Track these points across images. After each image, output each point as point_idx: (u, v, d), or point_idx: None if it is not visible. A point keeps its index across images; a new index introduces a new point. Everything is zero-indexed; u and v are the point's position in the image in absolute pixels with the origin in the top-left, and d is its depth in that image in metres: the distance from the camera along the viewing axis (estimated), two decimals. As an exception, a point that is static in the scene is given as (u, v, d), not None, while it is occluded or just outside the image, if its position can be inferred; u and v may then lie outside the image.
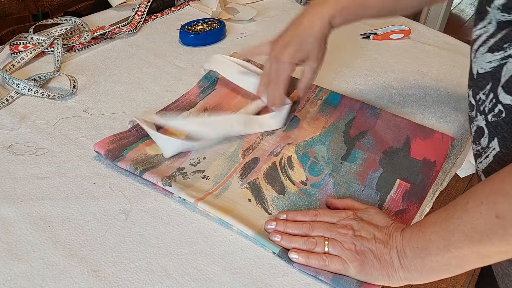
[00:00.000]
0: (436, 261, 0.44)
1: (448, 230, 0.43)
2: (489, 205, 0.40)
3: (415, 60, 0.90)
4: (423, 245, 0.45)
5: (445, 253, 0.43)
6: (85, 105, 0.71)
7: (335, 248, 0.49)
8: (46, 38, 0.83)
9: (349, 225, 0.50)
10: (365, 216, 0.51)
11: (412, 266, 0.45)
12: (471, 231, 0.41)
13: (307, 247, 0.49)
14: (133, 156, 0.60)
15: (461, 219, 0.42)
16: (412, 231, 0.47)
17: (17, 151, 0.61)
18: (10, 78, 0.72)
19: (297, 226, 0.51)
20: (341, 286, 0.47)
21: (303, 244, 0.50)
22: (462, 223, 0.42)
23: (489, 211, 0.40)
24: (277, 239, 0.51)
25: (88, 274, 0.47)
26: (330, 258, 0.48)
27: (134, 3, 1.01)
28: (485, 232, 0.40)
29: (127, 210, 0.54)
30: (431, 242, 0.44)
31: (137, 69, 0.81)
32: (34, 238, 0.50)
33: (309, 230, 0.51)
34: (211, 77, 0.77)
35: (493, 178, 0.42)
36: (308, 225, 0.51)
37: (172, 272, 0.48)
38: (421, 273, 0.45)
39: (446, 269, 0.44)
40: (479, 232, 0.40)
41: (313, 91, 0.77)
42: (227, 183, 0.58)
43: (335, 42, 0.95)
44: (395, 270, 0.46)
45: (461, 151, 0.68)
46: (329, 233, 0.50)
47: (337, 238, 0.49)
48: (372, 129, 0.69)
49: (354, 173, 0.61)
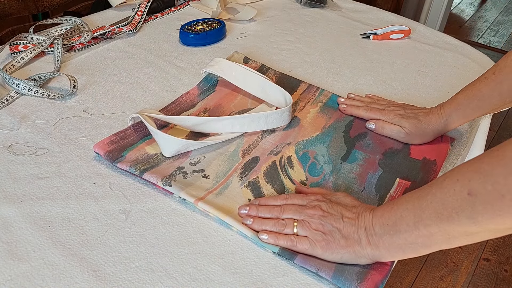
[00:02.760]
0: (404, 238, 0.45)
1: (420, 207, 0.44)
2: (464, 182, 0.41)
3: (415, 60, 0.90)
4: (393, 222, 0.46)
5: (413, 230, 0.44)
6: (85, 105, 0.71)
7: (303, 228, 0.50)
8: (46, 38, 0.83)
9: (318, 206, 0.52)
10: (334, 198, 0.53)
11: (380, 243, 0.47)
12: (441, 208, 0.42)
13: (277, 229, 0.51)
14: (133, 157, 0.60)
15: (434, 196, 0.43)
16: (384, 209, 0.48)
17: (17, 151, 0.61)
18: (10, 78, 0.72)
19: (269, 209, 0.53)
20: (342, 283, 0.47)
21: (273, 226, 0.51)
22: (435, 200, 0.43)
23: (462, 188, 0.40)
24: (249, 222, 0.52)
25: (88, 274, 0.47)
26: (298, 239, 0.50)
27: (134, 3, 1.01)
28: (454, 209, 0.41)
29: (127, 210, 0.54)
30: (402, 219, 0.45)
31: (137, 69, 0.81)
32: (34, 238, 0.50)
33: (280, 213, 0.53)
34: (211, 79, 0.77)
35: (473, 159, 0.43)
36: (279, 208, 0.53)
37: (172, 272, 0.48)
38: (388, 251, 0.47)
39: (413, 248, 0.45)
40: (449, 209, 0.41)
41: (313, 93, 0.77)
42: (228, 182, 0.58)
43: (335, 42, 0.95)
44: (362, 248, 0.48)
45: (461, 151, 0.68)
46: (298, 215, 0.52)
47: (306, 219, 0.51)
48: (372, 129, 0.69)
49: (354, 173, 0.61)
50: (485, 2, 3.26)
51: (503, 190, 0.38)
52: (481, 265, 1.47)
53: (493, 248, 1.53)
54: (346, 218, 0.50)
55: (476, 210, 0.40)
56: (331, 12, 1.07)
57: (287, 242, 0.50)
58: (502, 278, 1.44)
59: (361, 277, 0.48)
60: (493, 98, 0.61)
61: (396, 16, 1.06)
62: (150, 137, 0.63)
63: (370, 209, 0.50)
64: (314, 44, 0.94)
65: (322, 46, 0.93)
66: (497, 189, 0.38)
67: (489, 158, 0.40)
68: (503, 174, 0.38)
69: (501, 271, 1.46)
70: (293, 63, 0.87)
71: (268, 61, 0.86)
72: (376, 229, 0.47)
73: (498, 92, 0.61)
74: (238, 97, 0.74)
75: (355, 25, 1.02)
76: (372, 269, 0.49)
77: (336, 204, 0.52)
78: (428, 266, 1.45)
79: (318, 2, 1.09)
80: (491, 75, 0.62)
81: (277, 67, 0.84)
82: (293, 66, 0.86)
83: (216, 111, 0.71)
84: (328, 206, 0.51)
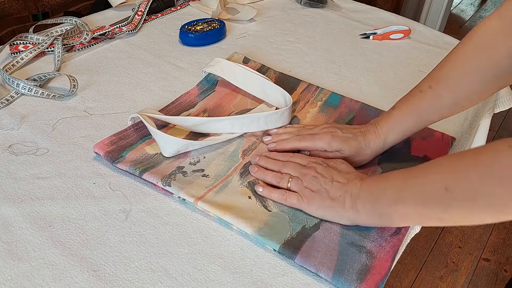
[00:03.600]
0: (383, 209, 0.49)
1: (402, 187, 0.48)
2: (443, 176, 0.44)
3: (415, 60, 0.90)
4: (378, 193, 0.50)
5: (392, 205, 0.48)
6: (85, 105, 0.71)
7: (296, 184, 0.56)
8: (46, 38, 0.83)
9: (314, 168, 0.56)
10: (332, 163, 0.57)
11: (362, 209, 0.51)
12: (419, 194, 0.46)
13: (275, 180, 0.57)
14: (132, 157, 0.60)
15: (416, 181, 0.47)
16: (371, 180, 0.52)
17: (17, 151, 0.61)
18: (10, 78, 0.72)
19: (274, 163, 0.59)
20: (341, 283, 0.47)
21: (272, 178, 0.57)
22: (415, 185, 0.46)
23: (441, 182, 0.43)
24: (254, 170, 0.59)
25: (88, 273, 0.47)
26: (288, 194, 0.55)
27: (134, 3, 1.01)
28: (430, 199, 0.44)
29: (127, 210, 0.54)
30: (385, 193, 0.49)
31: (137, 69, 0.81)
32: (34, 238, 0.50)
33: (281, 168, 0.58)
34: (211, 79, 0.77)
35: (458, 154, 0.45)
36: (282, 163, 0.59)
37: (172, 272, 0.48)
38: (367, 217, 0.51)
39: (389, 219, 0.49)
40: (426, 197, 0.45)
41: (313, 92, 0.77)
42: (227, 180, 0.58)
43: (335, 42, 0.95)
44: (345, 210, 0.52)
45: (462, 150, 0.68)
46: (294, 172, 0.57)
47: (300, 177, 0.56)
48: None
49: (354, 173, 0.61)
50: (485, 2, 3.26)
51: (476, 194, 0.41)
52: (481, 265, 1.47)
53: (493, 248, 1.53)
54: (336, 182, 0.54)
55: (450, 205, 0.43)
56: (331, 12, 1.07)
57: (279, 195, 0.55)
58: (502, 278, 1.44)
59: (361, 277, 0.48)
60: (432, 113, 0.59)
61: (396, 16, 1.06)
62: (150, 137, 0.63)
63: (360, 178, 0.53)
64: (314, 44, 0.94)
65: (322, 46, 0.93)
66: (470, 192, 0.41)
67: (469, 159, 0.43)
68: (477, 178, 0.41)
69: (501, 271, 1.46)
70: (293, 63, 0.87)
71: (268, 61, 0.86)
72: (361, 196, 0.51)
73: (438, 106, 0.59)
74: (238, 97, 0.74)
75: (355, 25, 1.02)
76: (372, 269, 0.49)
77: (332, 168, 0.56)
78: (428, 266, 1.45)
79: (318, 2, 1.09)
80: (427, 88, 0.59)
81: (277, 67, 0.84)
82: (293, 66, 0.86)
83: (216, 111, 0.71)
84: (322, 169, 0.56)
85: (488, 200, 0.41)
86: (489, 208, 0.41)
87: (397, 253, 0.51)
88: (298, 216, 0.54)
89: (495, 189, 0.40)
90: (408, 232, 0.54)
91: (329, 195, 0.53)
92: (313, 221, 0.54)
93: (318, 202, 0.53)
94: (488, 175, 0.40)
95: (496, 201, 0.40)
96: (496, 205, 0.41)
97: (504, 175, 0.39)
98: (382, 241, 0.52)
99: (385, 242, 0.52)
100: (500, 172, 0.40)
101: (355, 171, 0.56)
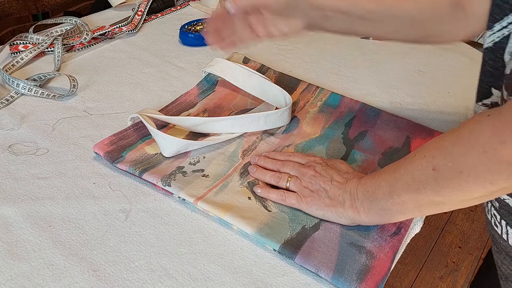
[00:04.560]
0: (380, 205, 0.49)
1: (394, 178, 0.48)
2: (429, 158, 0.45)
3: (415, 60, 0.90)
4: (373, 190, 0.50)
5: (388, 198, 0.49)
6: (85, 105, 0.71)
7: (294, 184, 0.56)
8: (46, 38, 0.83)
9: (313, 167, 0.56)
10: (330, 163, 0.57)
11: (361, 207, 0.51)
12: (411, 180, 0.46)
13: (274, 180, 0.57)
14: (132, 157, 0.60)
15: (406, 169, 0.48)
16: (367, 178, 0.52)
17: (17, 151, 0.61)
18: (10, 78, 0.72)
19: (273, 162, 0.59)
20: (341, 283, 0.47)
21: (270, 178, 0.57)
22: (406, 173, 0.47)
23: (428, 164, 0.45)
24: (253, 170, 0.59)
25: (88, 273, 0.47)
26: (287, 194, 0.55)
27: (134, 3, 1.01)
28: (421, 182, 0.45)
29: (127, 210, 0.54)
30: (379, 188, 0.49)
31: (137, 69, 0.81)
32: (34, 238, 0.50)
33: (280, 167, 0.58)
34: (211, 79, 0.77)
35: (440, 136, 0.47)
36: (281, 162, 0.59)
37: (172, 272, 0.48)
38: (366, 215, 0.51)
39: (388, 214, 0.50)
40: (417, 182, 0.46)
41: (313, 92, 0.77)
42: (227, 180, 0.58)
43: (335, 42, 0.95)
44: (345, 209, 0.52)
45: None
46: (293, 171, 0.57)
47: (299, 176, 0.56)
48: (372, 129, 0.69)
49: (354, 173, 0.61)
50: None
51: (461, 167, 0.42)
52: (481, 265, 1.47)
53: (493, 248, 1.53)
54: (335, 182, 0.54)
55: (439, 184, 0.44)
56: (331, 12, 1.07)
57: (277, 196, 0.55)
58: (502, 278, 1.44)
59: (360, 277, 0.48)
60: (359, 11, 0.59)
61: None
62: (150, 137, 0.63)
63: (358, 177, 0.54)
64: (314, 44, 0.94)
65: (322, 46, 0.93)
66: (455, 166, 0.42)
67: (450, 136, 0.44)
68: (460, 152, 0.42)
69: (501, 271, 1.46)
70: (293, 63, 0.87)
71: (268, 61, 0.86)
72: (359, 194, 0.51)
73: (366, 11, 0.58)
74: (237, 97, 0.74)
75: (355, 25, 1.02)
76: (372, 269, 0.49)
77: (331, 168, 0.56)
78: (428, 266, 1.46)
79: (318, 2, 1.09)
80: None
81: (277, 67, 0.84)
82: (293, 66, 0.86)
83: (215, 111, 0.71)
84: (322, 168, 0.56)
85: (473, 171, 0.41)
86: (476, 180, 0.41)
87: (397, 253, 0.51)
88: (298, 216, 0.54)
89: (478, 159, 0.40)
90: (408, 232, 0.54)
91: (328, 195, 0.53)
92: (313, 221, 0.54)
93: (317, 202, 0.53)
94: (470, 145, 0.41)
95: (480, 171, 0.41)
96: (482, 175, 0.41)
97: (486, 143, 0.40)
98: (382, 241, 0.52)
99: (385, 242, 0.52)
100: (482, 141, 0.40)
101: (354, 171, 0.56)
